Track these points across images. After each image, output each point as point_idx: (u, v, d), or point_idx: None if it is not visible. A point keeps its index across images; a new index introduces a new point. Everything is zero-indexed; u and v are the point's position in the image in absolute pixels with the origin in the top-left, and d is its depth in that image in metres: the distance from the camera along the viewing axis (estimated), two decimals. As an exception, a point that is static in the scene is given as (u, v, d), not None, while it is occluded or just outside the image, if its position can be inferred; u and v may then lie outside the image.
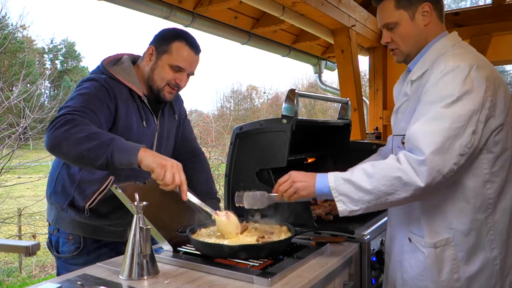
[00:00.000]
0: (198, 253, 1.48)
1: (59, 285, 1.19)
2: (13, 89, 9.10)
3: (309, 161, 2.53)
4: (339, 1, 3.44)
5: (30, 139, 8.05)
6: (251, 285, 1.24)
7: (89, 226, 1.73)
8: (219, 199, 2.00)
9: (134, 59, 1.82)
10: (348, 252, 1.60)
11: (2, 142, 7.10)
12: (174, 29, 1.80)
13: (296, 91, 1.84)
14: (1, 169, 6.70)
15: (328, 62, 5.25)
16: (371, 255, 1.78)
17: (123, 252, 1.33)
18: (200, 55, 1.79)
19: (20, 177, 8.10)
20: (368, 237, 1.74)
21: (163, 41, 1.73)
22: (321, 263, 1.45)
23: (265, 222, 1.68)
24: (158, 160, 1.39)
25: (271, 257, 1.45)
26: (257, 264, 1.38)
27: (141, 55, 1.81)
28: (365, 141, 3.15)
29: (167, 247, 1.53)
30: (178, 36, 1.73)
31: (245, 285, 1.25)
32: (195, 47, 1.75)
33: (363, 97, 4.41)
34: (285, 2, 3.03)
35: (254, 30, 3.81)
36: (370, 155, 1.86)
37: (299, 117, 1.85)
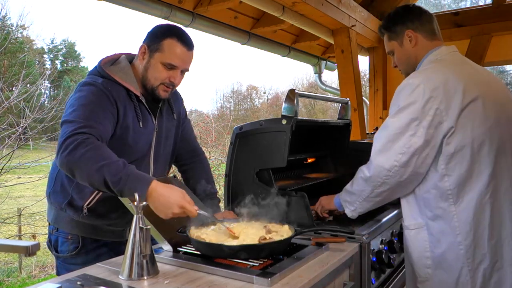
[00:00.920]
0: (198, 253, 1.48)
1: (59, 285, 1.19)
2: (13, 89, 9.10)
3: (309, 161, 2.53)
4: (339, 1, 3.45)
5: (30, 139, 8.05)
6: (251, 285, 1.24)
7: (88, 226, 1.73)
8: (219, 199, 2.00)
9: (132, 59, 1.80)
10: (348, 252, 1.60)
11: (2, 142, 7.10)
12: (165, 26, 1.76)
13: (296, 91, 1.84)
14: (1, 169, 6.70)
15: (328, 62, 5.25)
16: (371, 255, 1.78)
17: (122, 252, 1.33)
18: (194, 51, 1.75)
19: (20, 177, 8.10)
20: (368, 237, 1.74)
21: (154, 38, 1.70)
22: (321, 263, 1.45)
23: (265, 222, 1.68)
24: (166, 211, 1.40)
25: (271, 257, 1.45)
26: (257, 264, 1.38)
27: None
28: (365, 141, 3.14)
29: (167, 247, 1.53)
30: (169, 33, 1.69)
31: (245, 285, 1.25)
32: (187, 43, 1.71)
33: (363, 97, 4.41)
34: (285, 2, 3.03)
35: (254, 30, 3.81)
36: (370, 155, 1.86)
37: (299, 117, 1.85)
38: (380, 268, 1.84)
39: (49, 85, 24.75)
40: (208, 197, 1.93)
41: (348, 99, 2.37)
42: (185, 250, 1.54)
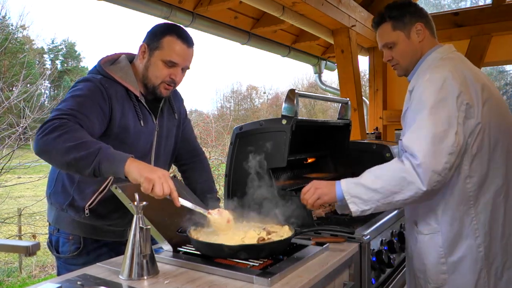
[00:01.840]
0: (198, 253, 1.48)
1: (59, 285, 1.19)
2: (13, 89, 9.09)
3: (309, 161, 2.53)
4: (339, 1, 3.45)
5: (30, 139, 8.03)
6: (251, 285, 1.24)
7: (89, 226, 1.73)
8: (219, 199, 2.00)
9: (132, 59, 1.80)
10: (348, 252, 1.60)
11: (2, 142, 7.09)
12: (165, 24, 1.77)
13: (296, 91, 1.84)
14: (1, 169, 6.70)
15: (328, 62, 5.25)
16: (371, 255, 1.78)
17: (123, 252, 1.33)
18: (195, 48, 1.76)
19: (20, 177, 8.09)
20: (368, 237, 1.74)
21: (154, 37, 1.71)
22: (321, 263, 1.45)
23: (265, 222, 1.68)
24: (144, 173, 1.35)
25: (271, 257, 1.45)
26: (257, 264, 1.38)
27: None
28: (365, 141, 3.14)
29: (167, 247, 1.53)
30: (168, 31, 1.70)
31: (245, 285, 1.25)
32: (187, 40, 1.72)
33: (363, 97, 4.42)
34: (285, 2, 3.03)
35: (254, 30, 3.81)
36: (370, 155, 1.87)
37: (299, 117, 1.85)
38: (380, 268, 1.84)
39: (49, 85, 24.72)
40: (208, 197, 1.93)
41: (348, 99, 2.38)
42: (185, 250, 1.54)
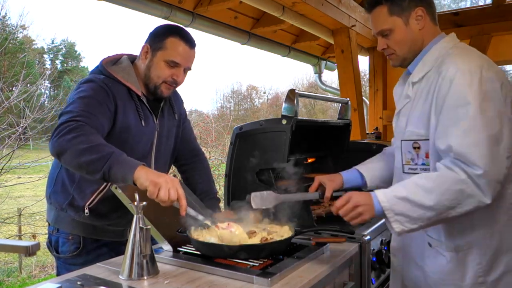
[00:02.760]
0: (198, 253, 1.48)
1: (59, 285, 1.19)
2: (13, 89, 9.09)
3: (309, 161, 2.53)
4: (339, 1, 3.44)
5: (30, 139, 8.05)
6: (251, 285, 1.24)
7: (89, 226, 1.73)
8: (219, 199, 2.00)
9: (133, 59, 1.82)
10: (348, 252, 1.60)
11: (2, 142, 7.09)
12: (168, 25, 1.80)
13: (296, 91, 1.84)
14: (1, 169, 6.70)
15: (328, 62, 5.25)
16: (371, 255, 1.78)
17: (123, 252, 1.33)
18: (196, 50, 1.78)
19: (20, 177, 8.10)
20: (368, 237, 1.74)
21: (157, 38, 1.72)
22: (321, 263, 1.45)
23: (265, 222, 1.68)
24: (151, 177, 1.36)
25: (271, 257, 1.45)
26: (257, 264, 1.38)
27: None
28: (365, 141, 3.15)
29: (167, 247, 1.53)
30: (171, 32, 1.72)
31: (245, 285, 1.25)
32: (189, 42, 1.74)
33: (363, 97, 4.41)
34: (285, 2, 3.02)
35: (254, 30, 3.81)
36: (370, 155, 1.86)
37: (299, 117, 1.85)
38: (380, 268, 1.84)
39: (49, 85, 24.75)
40: (208, 197, 1.93)
41: (348, 99, 2.37)
42: (185, 250, 1.54)
